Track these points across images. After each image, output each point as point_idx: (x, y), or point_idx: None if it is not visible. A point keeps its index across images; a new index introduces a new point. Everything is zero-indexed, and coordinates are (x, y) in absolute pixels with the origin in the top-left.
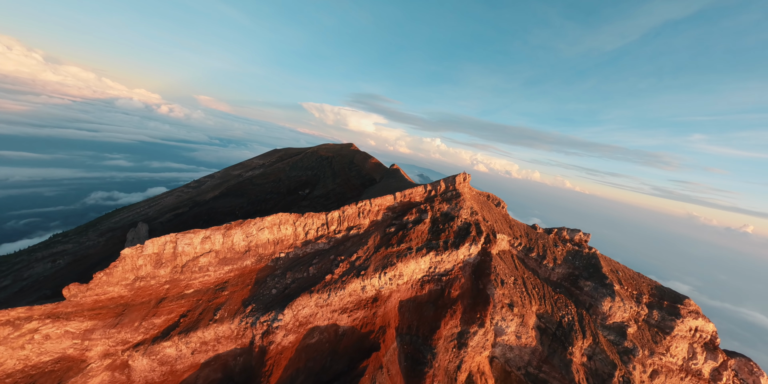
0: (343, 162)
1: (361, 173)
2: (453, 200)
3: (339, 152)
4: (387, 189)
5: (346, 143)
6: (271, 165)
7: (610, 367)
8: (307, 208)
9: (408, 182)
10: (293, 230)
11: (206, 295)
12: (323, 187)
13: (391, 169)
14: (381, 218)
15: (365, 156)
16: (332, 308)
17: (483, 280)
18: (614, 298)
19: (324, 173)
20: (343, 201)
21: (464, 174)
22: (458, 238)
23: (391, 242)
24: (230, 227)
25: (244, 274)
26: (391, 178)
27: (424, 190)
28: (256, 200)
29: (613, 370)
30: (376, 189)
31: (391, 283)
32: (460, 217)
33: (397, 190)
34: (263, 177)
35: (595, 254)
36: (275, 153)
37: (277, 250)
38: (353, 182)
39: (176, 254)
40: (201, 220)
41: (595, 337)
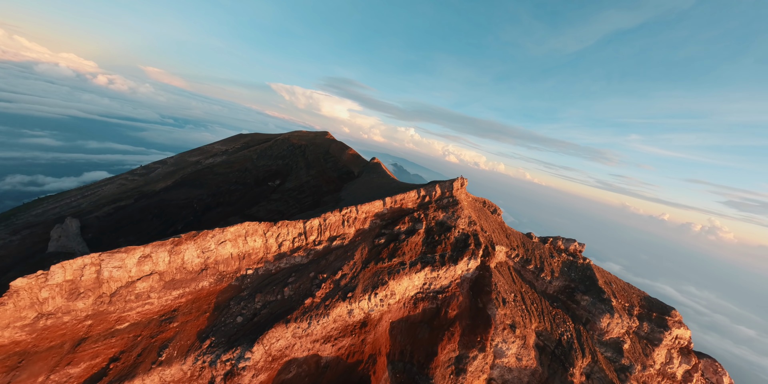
0: (317, 152)
1: (337, 165)
2: (450, 208)
3: (313, 141)
4: (369, 186)
5: (321, 131)
6: (235, 152)
7: (597, 371)
8: (278, 202)
9: (390, 179)
10: (263, 242)
11: (147, 329)
12: (296, 179)
13: (372, 163)
14: (368, 227)
15: (342, 146)
16: (313, 338)
17: (483, 298)
18: (613, 314)
19: (297, 163)
20: (319, 195)
21: (462, 179)
22: (456, 251)
23: (381, 256)
24: (179, 242)
25: (199, 298)
26: (372, 173)
27: (417, 196)
28: (218, 192)
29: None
30: (356, 185)
31: (382, 304)
32: (457, 227)
33: (380, 188)
34: (227, 165)
35: (590, 265)
36: (240, 138)
37: (243, 265)
38: (329, 174)
39: (101, 280)
40: (150, 215)
41: (594, 355)
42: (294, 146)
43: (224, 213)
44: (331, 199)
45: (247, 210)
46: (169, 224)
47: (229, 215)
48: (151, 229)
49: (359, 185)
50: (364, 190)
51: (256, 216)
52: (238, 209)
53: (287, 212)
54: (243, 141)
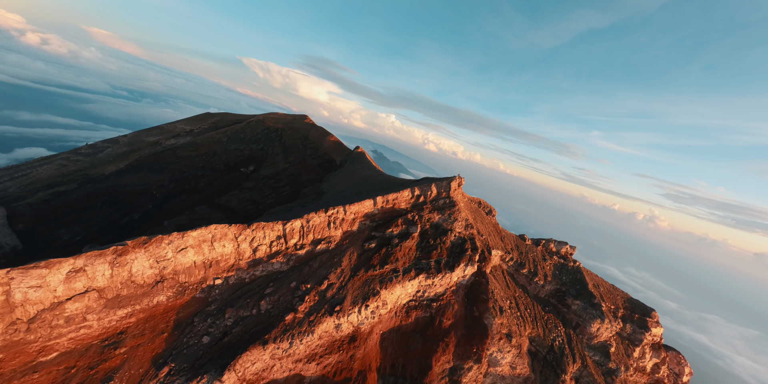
0: (295, 137)
1: (318, 152)
2: (446, 210)
3: (291, 124)
4: (353, 178)
5: (299, 114)
6: (202, 133)
7: (586, 375)
8: (253, 191)
9: (376, 170)
10: (234, 247)
11: (85, 359)
12: (272, 166)
13: (356, 153)
14: (357, 229)
15: (322, 132)
16: (295, 358)
17: (479, 306)
18: (603, 320)
19: (273, 149)
20: (298, 184)
21: (459, 178)
22: (452, 256)
23: (372, 263)
24: (124, 251)
25: (155, 315)
26: (356, 164)
27: (410, 195)
28: (182, 177)
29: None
30: (339, 176)
31: (374, 316)
32: (453, 231)
33: (365, 181)
34: (192, 148)
35: (580, 268)
36: (208, 118)
37: (210, 274)
38: (309, 162)
39: (13, 304)
40: (98, 202)
41: (584, 360)
42: (269, 130)
43: (190, 201)
44: (311, 190)
45: (216, 199)
46: (123, 213)
47: (196, 204)
48: (100, 219)
49: (342, 177)
50: (348, 183)
51: (228, 206)
52: (206, 197)
53: (263, 202)
54: (211, 121)
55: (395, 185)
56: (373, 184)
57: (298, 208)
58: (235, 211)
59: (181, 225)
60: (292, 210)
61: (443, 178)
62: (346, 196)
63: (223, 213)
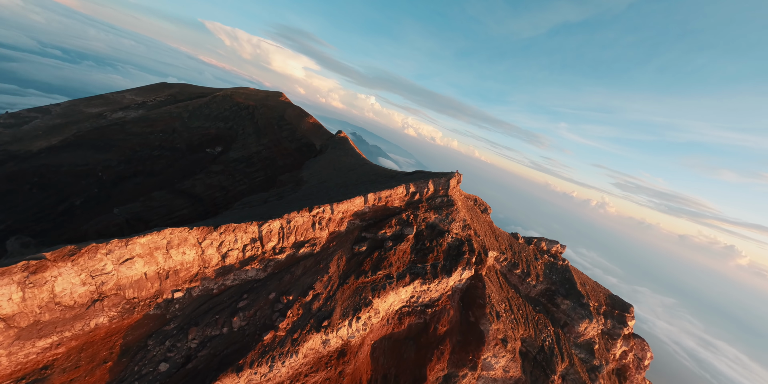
0: (270, 116)
1: (295, 134)
2: (444, 209)
3: (264, 102)
4: (336, 167)
5: (273, 91)
6: (158, 106)
7: (573, 374)
8: (221, 176)
9: (361, 159)
10: (198, 254)
11: None
12: (243, 148)
13: (338, 138)
14: (345, 229)
15: (300, 112)
16: (276, 381)
17: (475, 311)
18: (591, 320)
19: (244, 128)
20: (274, 170)
21: (458, 175)
22: (449, 259)
23: (363, 268)
24: (40, 267)
25: (93, 342)
26: (338, 150)
27: (405, 192)
28: (134, 157)
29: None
30: (321, 164)
31: (365, 328)
32: (450, 232)
33: (350, 170)
34: (146, 123)
35: (568, 267)
36: (165, 89)
37: (168, 286)
38: (285, 145)
39: None
40: (27, 184)
41: (571, 358)
42: (239, 106)
43: (146, 185)
44: (289, 178)
45: (178, 183)
46: (60, 198)
47: (153, 189)
48: (31, 204)
49: (324, 164)
50: (330, 172)
51: (192, 192)
52: (165, 181)
53: (233, 189)
54: (168, 92)
55: (384, 177)
56: (359, 175)
57: (275, 200)
58: (201, 198)
59: (136, 213)
60: (268, 201)
61: (440, 174)
62: (330, 188)
63: (186, 200)
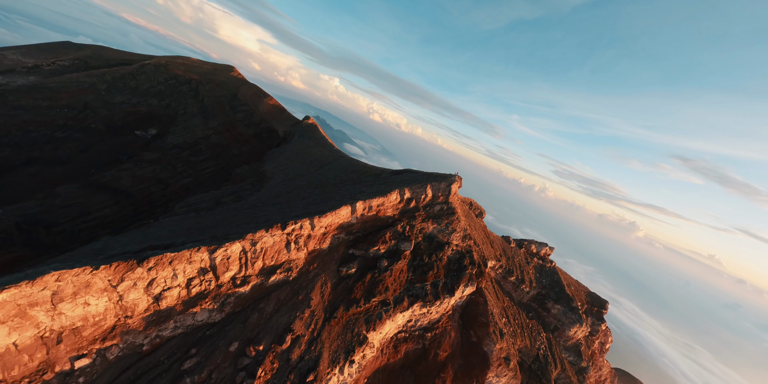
0: (219, 94)
1: (252, 117)
2: (444, 218)
3: (210, 77)
4: (306, 160)
5: (223, 64)
6: (59, 72)
7: (565, 379)
8: (157, 166)
9: (335, 150)
10: (114, 301)
11: None
12: (186, 132)
13: (306, 125)
14: (329, 246)
15: (257, 92)
16: None
17: (477, 331)
18: (582, 324)
19: (186, 107)
20: (227, 160)
21: (459, 180)
22: (449, 276)
23: (354, 295)
24: None
25: None
26: (307, 139)
27: (399, 199)
28: (24, 140)
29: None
30: (287, 155)
31: (359, 369)
32: (451, 244)
33: (323, 165)
34: (42, 94)
35: (555, 269)
36: (71, 50)
37: (64, 353)
38: (241, 130)
39: None
40: None
41: (562, 363)
42: (178, 80)
43: (46, 177)
44: (248, 171)
45: (95, 175)
46: None
47: (58, 182)
48: None
49: (292, 156)
50: (300, 166)
51: (116, 186)
52: (75, 172)
53: (174, 182)
54: (75, 56)
55: (368, 176)
56: (337, 172)
57: (231, 203)
58: (130, 195)
59: (32, 215)
60: (223, 202)
61: (437, 176)
62: (303, 189)
63: (107, 196)
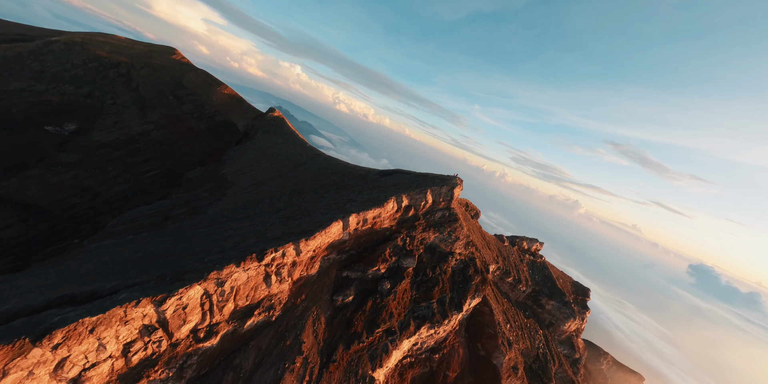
0: (159, 81)
1: (203, 109)
2: (446, 226)
3: (146, 60)
4: (276, 159)
5: (160, 46)
6: None
7: (565, 379)
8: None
9: (308, 147)
10: None
11: None
12: (119, 127)
13: (271, 118)
14: (318, 271)
15: (207, 79)
16: None
17: (485, 343)
18: (575, 318)
19: (115, 96)
20: (176, 160)
21: (460, 182)
22: (455, 289)
23: (354, 329)
24: None
25: None
26: (274, 135)
27: (396, 208)
28: None
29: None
30: (252, 154)
31: None
32: (454, 254)
33: (297, 165)
34: None
35: (545, 264)
36: None
37: None
38: (190, 125)
39: None
40: None
41: (559, 358)
42: (101, 62)
43: None
44: (204, 174)
45: None
46: None
47: None
48: None
49: (258, 155)
50: (268, 166)
51: (22, 199)
52: None
53: (106, 192)
54: None
55: (353, 179)
56: (315, 174)
57: (183, 216)
58: (42, 209)
59: None
60: (172, 217)
61: (435, 178)
62: (276, 197)
63: (9, 213)
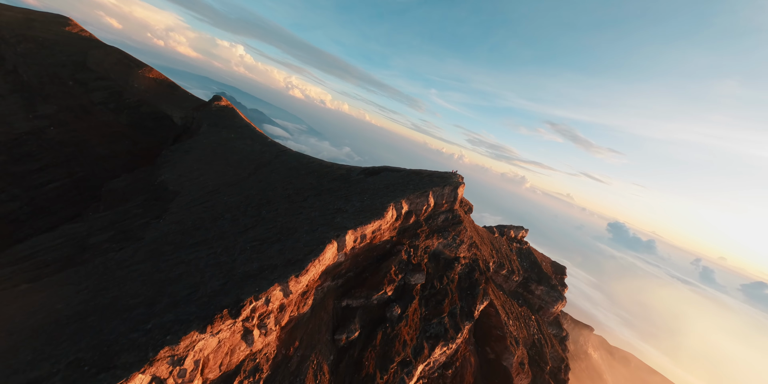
0: (49, 61)
1: (122, 98)
2: (450, 230)
3: (25, 32)
4: (229, 159)
5: (45, 13)
6: None
7: (559, 362)
8: None
9: (273, 144)
10: None
11: None
12: None
13: (219, 108)
14: (312, 305)
15: (123, 59)
16: None
17: (494, 346)
18: (563, 300)
19: None
20: (88, 165)
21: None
22: (464, 298)
23: (365, 371)
24: None
25: None
26: (223, 129)
27: (396, 215)
28: None
29: (562, 363)
30: (200, 154)
31: None
32: (459, 259)
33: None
34: None
35: (530, 249)
36: None
37: None
38: (106, 118)
39: None
40: None
41: (551, 340)
42: None
43: None
44: (132, 183)
45: None
46: None
47: None
48: None
49: (206, 155)
50: (222, 169)
51: None
52: None
53: None
54: None
55: (332, 180)
56: (284, 176)
57: (107, 246)
58: None
59: None
60: (92, 247)
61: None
62: (238, 209)
63: None
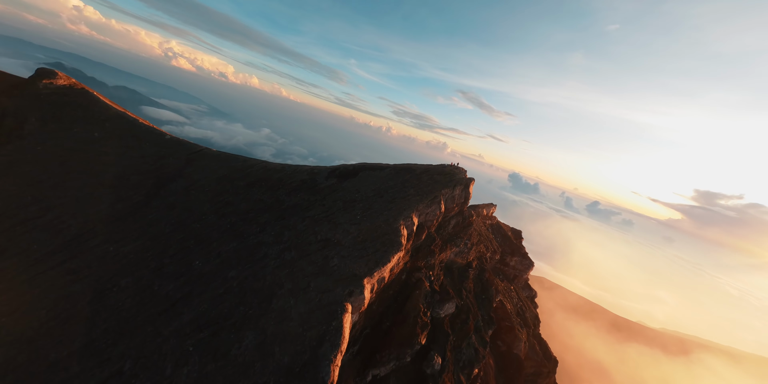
0: None
1: None
2: (461, 235)
3: None
4: (104, 177)
5: None
6: None
7: (534, 319)
8: None
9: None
10: None
11: None
12: None
13: (57, 89)
14: None
15: None
16: None
17: (504, 338)
18: (533, 264)
19: None
20: None
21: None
22: (482, 305)
23: None
24: None
25: None
26: (67, 123)
27: (406, 234)
28: None
29: (538, 321)
30: (25, 175)
31: None
32: (471, 264)
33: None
34: None
35: (499, 224)
36: None
37: None
38: None
39: None
40: None
41: (528, 304)
42: None
43: None
44: None
45: None
46: None
47: None
48: None
49: (49, 171)
50: (86, 193)
51: None
52: None
53: None
54: None
55: (292, 191)
56: (213, 193)
57: None
58: None
59: None
60: None
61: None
62: (133, 268)
63: None
